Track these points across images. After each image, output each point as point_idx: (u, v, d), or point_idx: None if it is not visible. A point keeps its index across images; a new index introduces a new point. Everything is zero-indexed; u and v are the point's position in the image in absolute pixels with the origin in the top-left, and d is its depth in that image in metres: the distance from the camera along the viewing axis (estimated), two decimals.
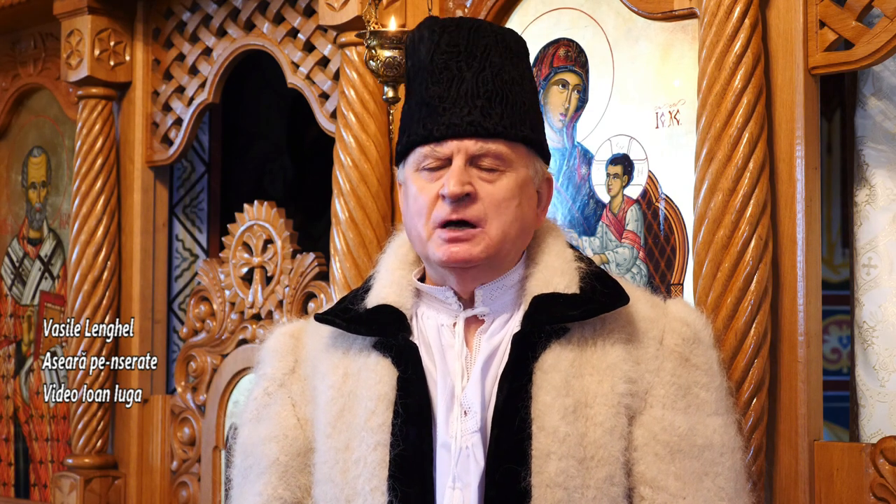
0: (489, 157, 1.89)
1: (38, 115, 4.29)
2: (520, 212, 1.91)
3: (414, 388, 1.88)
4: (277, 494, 1.97)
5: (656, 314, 1.96)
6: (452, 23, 1.95)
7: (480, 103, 1.88)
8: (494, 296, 1.94)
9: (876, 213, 2.60)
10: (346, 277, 2.98)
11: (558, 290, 1.90)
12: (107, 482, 3.76)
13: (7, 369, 4.30)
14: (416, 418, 1.86)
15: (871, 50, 2.35)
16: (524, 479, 1.79)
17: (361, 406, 1.90)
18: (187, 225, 4.11)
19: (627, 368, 1.88)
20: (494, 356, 1.90)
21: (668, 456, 1.86)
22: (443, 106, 1.89)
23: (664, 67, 2.69)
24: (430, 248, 1.89)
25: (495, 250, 1.89)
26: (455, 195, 1.85)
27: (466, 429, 1.84)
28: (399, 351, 1.91)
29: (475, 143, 1.88)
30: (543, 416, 1.81)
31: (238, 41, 3.64)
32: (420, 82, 1.93)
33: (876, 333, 2.59)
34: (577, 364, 1.86)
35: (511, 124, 1.90)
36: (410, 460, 1.84)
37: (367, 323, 1.95)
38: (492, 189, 1.88)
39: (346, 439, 1.90)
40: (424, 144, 1.90)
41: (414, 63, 1.96)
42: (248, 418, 2.07)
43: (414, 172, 1.93)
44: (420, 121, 1.91)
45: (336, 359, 1.98)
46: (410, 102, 1.96)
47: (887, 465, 2.28)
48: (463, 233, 1.87)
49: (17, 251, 4.32)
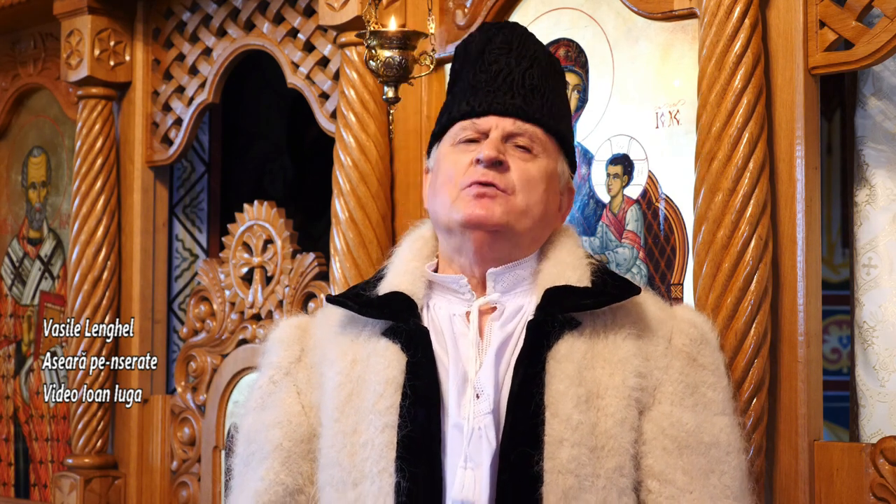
0: (525, 137, 1.97)
1: (38, 115, 4.29)
2: (545, 197, 1.98)
3: (423, 371, 1.90)
4: (279, 480, 1.98)
5: (665, 315, 2.00)
6: (507, 25, 2.08)
7: (524, 92, 1.98)
8: (507, 282, 1.97)
9: (876, 213, 2.60)
10: (346, 277, 2.98)
11: (570, 283, 1.93)
12: (107, 482, 3.76)
13: (7, 369, 4.30)
14: (424, 400, 1.88)
15: (871, 50, 2.35)
16: (537, 464, 1.80)
17: (370, 390, 1.91)
18: (187, 225, 4.11)
19: (638, 363, 1.90)
20: (508, 343, 1.92)
21: (675, 451, 1.88)
22: (487, 88, 1.98)
23: (664, 67, 2.69)
24: (454, 209, 1.94)
25: (516, 218, 1.93)
26: (490, 158, 1.92)
27: (479, 410, 1.86)
28: (409, 336, 1.93)
29: (514, 122, 1.96)
30: (557, 404, 1.84)
31: (238, 41, 3.64)
32: (467, 72, 2.02)
33: (876, 333, 2.59)
34: (589, 356, 1.89)
35: (550, 115, 2.00)
36: (418, 441, 1.85)
37: (379, 307, 1.98)
38: (524, 166, 1.96)
39: (354, 423, 1.91)
40: (465, 119, 1.98)
41: (463, 61, 2.05)
42: (252, 406, 2.08)
43: (450, 147, 2.00)
44: (463, 100, 2.00)
45: (345, 345, 1.99)
46: (454, 90, 2.05)
47: (887, 465, 2.28)
48: (491, 191, 1.92)
49: (17, 251, 4.32)
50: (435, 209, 2.01)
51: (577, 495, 1.79)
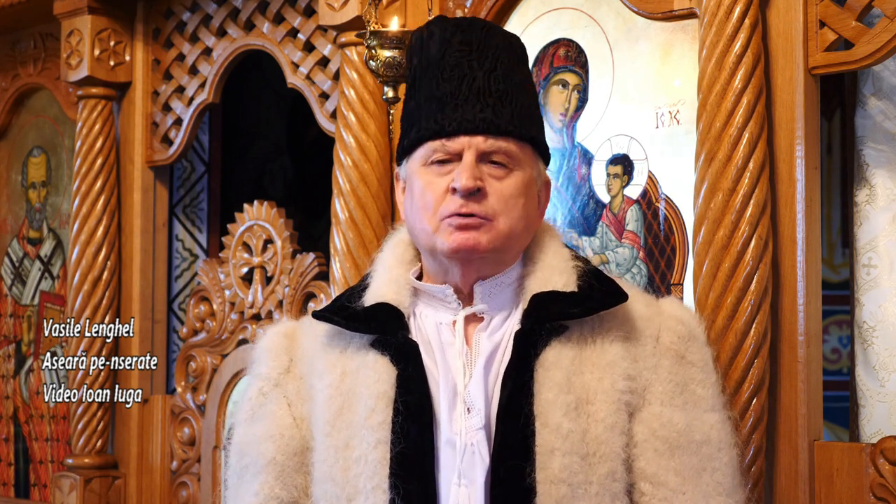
0: (499, 154, 1.91)
1: (38, 115, 4.29)
2: (525, 210, 1.93)
3: (414, 386, 1.88)
4: (274, 494, 1.97)
5: (651, 312, 1.98)
6: (465, 22, 1.98)
7: (492, 101, 1.91)
8: (493, 293, 1.95)
9: (876, 213, 2.60)
10: (346, 277, 2.98)
11: (557, 289, 1.91)
12: (107, 482, 3.76)
13: (7, 369, 4.30)
14: (416, 416, 1.86)
15: (871, 50, 2.35)
16: (529, 476, 1.80)
17: (361, 404, 1.90)
18: (187, 225, 4.11)
19: (626, 366, 1.89)
20: (496, 354, 1.91)
21: (667, 452, 1.87)
22: (454, 102, 1.90)
23: (664, 67, 2.69)
24: (438, 239, 1.90)
25: (502, 244, 1.91)
26: (467, 189, 1.87)
27: (471, 426, 1.85)
28: (398, 349, 1.91)
29: (486, 139, 1.90)
30: (546, 413, 1.83)
31: (238, 41, 3.64)
32: (430, 78, 1.94)
33: (876, 333, 2.59)
34: (577, 361, 1.87)
35: (521, 124, 1.93)
36: (412, 458, 1.84)
37: (366, 320, 1.95)
38: (500, 186, 1.90)
39: (346, 438, 1.90)
40: (435, 139, 1.91)
41: (422, 60, 1.97)
42: (242, 418, 2.06)
43: (421, 167, 1.94)
44: (430, 116, 1.92)
45: (333, 357, 1.97)
46: (418, 98, 1.96)
47: (887, 465, 2.28)
48: (473, 220, 1.88)
49: (17, 251, 4.32)
50: (415, 233, 1.97)
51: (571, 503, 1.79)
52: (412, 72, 2.00)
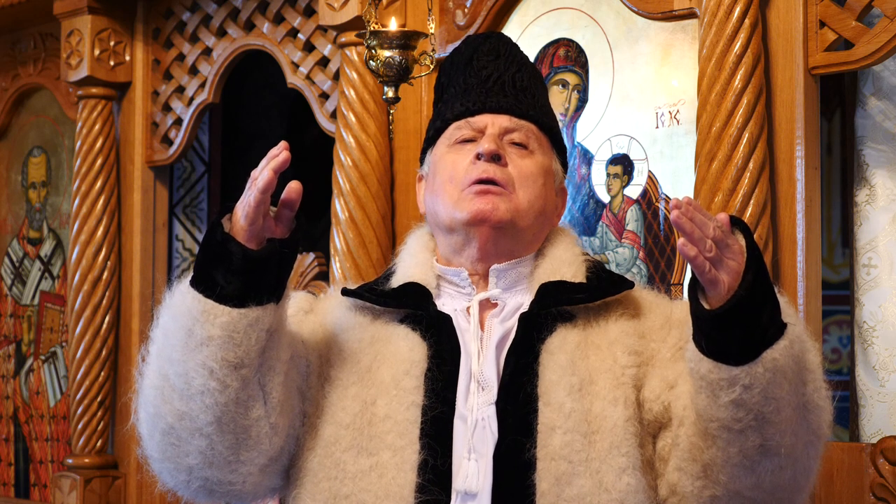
0: (521, 133, 1.99)
1: (38, 115, 4.29)
2: (544, 192, 1.99)
3: (449, 357, 1.91)
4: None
5: (662, 300, 2.01)
6: (493, 35, 2.13)
7: (514, 92, 2.02)
8: (508, 278, 1.98)
9: (876, 213, 2.60)
10: (346, 277, 2.99)
11: (565, 279, 1.95)
12: (107, 482, 3.76)
13: (7, 369, 4.30)
14: (445, 386, 1.89)
15: (871, 50, 2.35)
16: (529, 451, 1.81)
17: (393, 367, 1.92)
18: (187, 225, 4.11)
19: (632, 342, 1.91)
20: (508, 338, 1.93)
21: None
22: (479, 90, 2.02)
23: (664, 67, 2.69)
24: (459, 208, 1.95)
25: (519, 215, 1.95)
26: (490, 151, 1.94)
27: (483, 402, 1.87)
28: (430, 323, 1.94)
29: (509, 118, 1.99)
30: (549, 393, 1.85)
31: (238, 41, 3.65)
32: (457, 79, 2.06)
33: (876, 333, 2.59)
34: (582, 346, 1.90)
35: (542, 113, 2.04)
36: (439, 424, 1.87)
37: (396, 297, 1.99)
38: (521, 162, 1.98)
39: (374, 395, 1.91)
40: (460, 119, 2.01)
41: (450, 71, 2.08)
42: None
43: (446, 148, 2.01)
44: (456, 102, 2.03)
45: (364, 322, 1.99)
46: (444, 98, 2.08)
47: (887, 465, 2.28)
48: (493, 188, 1.94)
49: (17, 251, 4.32)
50: (435, 210, 2.01)
51: (571, 480, 1.80)
52: (438, 88, 2.11)
